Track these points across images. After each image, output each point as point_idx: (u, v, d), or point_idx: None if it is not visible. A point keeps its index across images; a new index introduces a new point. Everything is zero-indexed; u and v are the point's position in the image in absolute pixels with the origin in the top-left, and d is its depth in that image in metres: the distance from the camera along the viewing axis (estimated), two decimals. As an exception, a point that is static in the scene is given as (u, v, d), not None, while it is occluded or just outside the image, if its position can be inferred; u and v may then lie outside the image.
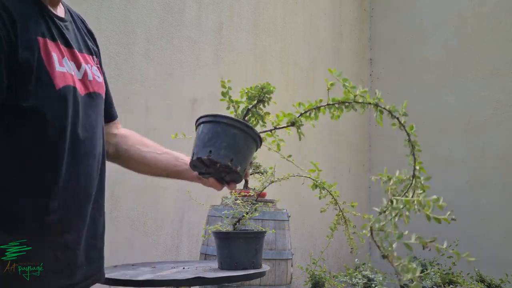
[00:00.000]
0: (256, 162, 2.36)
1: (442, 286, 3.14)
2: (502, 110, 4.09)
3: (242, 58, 3.87)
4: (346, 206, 1.44)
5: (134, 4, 3.16)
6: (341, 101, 0.93)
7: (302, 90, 4.36)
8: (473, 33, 4.35)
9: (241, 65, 3.86)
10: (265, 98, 1.08)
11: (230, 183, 1.10)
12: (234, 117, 1.08)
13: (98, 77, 1.14)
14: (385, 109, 0.85)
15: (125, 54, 3.08)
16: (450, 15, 4.52)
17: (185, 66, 3.42)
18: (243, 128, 1.03)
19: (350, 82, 0.91)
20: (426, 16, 4.72)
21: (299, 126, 1.02)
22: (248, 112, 1.09)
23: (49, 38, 0.99)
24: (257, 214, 2.10)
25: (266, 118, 1.10)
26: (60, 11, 1.09)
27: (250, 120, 1.10)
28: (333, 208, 1.43)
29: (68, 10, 1.14)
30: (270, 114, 1.10)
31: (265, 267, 2.00)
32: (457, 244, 3.44)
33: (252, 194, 2.30)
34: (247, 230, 2.09)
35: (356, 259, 3.61)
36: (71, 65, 1.05)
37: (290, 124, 1.03)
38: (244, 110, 1.09)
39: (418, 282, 0.63)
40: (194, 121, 1.08)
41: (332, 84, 0.94)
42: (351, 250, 1.53)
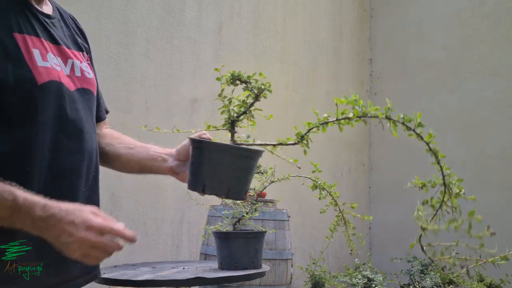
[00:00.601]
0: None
1: (443, 286, 3.14)
2: (502, 110, 4.09)
3: (242, 58, 3.87)
4: (346, 207, 1.44)
5: (134, 4, 3.16)
6: (351, 117, 0.90)
7: (302, 90, 4.35)
8: (473, 33, 4.35)
9: (241, 65, 3.86)
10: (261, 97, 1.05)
11: None
12: (229, 142, 1.02)
13: (88, 73, 1.13)
14: (398, 121, 0.83)
15: (125, 54, 3.08)
16: (450, 15, 4.52)
17: (185, 66, 3.42)
18: (236, 152, 0.97)
19: (360, 101, 0.88)
20: (426, 16, 4.72)
21: (307, 144, 0.99)
22: (244, 113, 1.06)
23: (30, 33, 0.99)
24: (257, 214, 2.10)
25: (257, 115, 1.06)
26: (46, 9, 1.09)
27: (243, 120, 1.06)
28: (333, 209, 1.43)
29: (57, 9, 1.14)
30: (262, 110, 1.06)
31: (265, 267, 2.00)
32: (457, 244, 3.44)
33: (252, 194, 2.30)
34: (247, 230, 2.09)
35: (356, 259, 3.61)
36: (57, 60, 1.04)
37: (297, 141, 1.00)
38: (238, 112, 1.06)
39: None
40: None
41: (341, 101, 0.90)
42: (351, 251, 1.52)
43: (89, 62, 1.17)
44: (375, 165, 4.92)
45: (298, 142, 0.99)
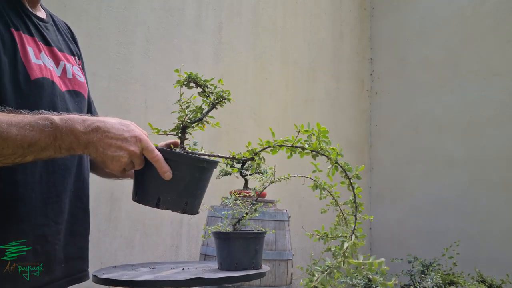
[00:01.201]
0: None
1: (443, 286, 3.14)
2: (502, 110, 4.09)
3: (242, 58, 3.86)
4: (347, 207, 1.43)
5: (134, 4, 3.16)
6: (306, 148, 0.92)
7: (302, 90, 4.35)
8: (473, 33, 4.35)
9: (241, 65, 3.85)
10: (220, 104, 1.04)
11: None
12: (178, 150, 0.97)
13: (80, 76, 1.14)
14: (341, 166, 0.87)
15: (125, 54, 3.08)
16: (451, 15, 4.51)
17: (185, 66, 3.41)
18: (197, 164, 0.92)
19: (328, 140, 0.90)
20: (426, 15, 4.71)
21: (259, 162, 0.98)
22: (199, 120, 1.03)
23: (24, 32, 0.99)
24: (257, 215, 2.09)
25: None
26: (40, 14, 1.11)
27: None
28: (333, 209, 1.42)
29: (50, 15, 1.16)
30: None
31: (265, 268, 2.00)
32: (458, 244, 3.44)
33: (252, 195, 2.29)
34: (247, 230, 2.08)
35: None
36: (50, 61, 1.04)
37: (250, 158, 0.98)
38: (193, 118, 1.04)
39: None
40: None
41: (306, 131, 0.92)
42: (351, 251, 1.52)
43: (80, 67, 1.18)
44: (376, 165, 4.91)
45: (252, 158, 0.98)
